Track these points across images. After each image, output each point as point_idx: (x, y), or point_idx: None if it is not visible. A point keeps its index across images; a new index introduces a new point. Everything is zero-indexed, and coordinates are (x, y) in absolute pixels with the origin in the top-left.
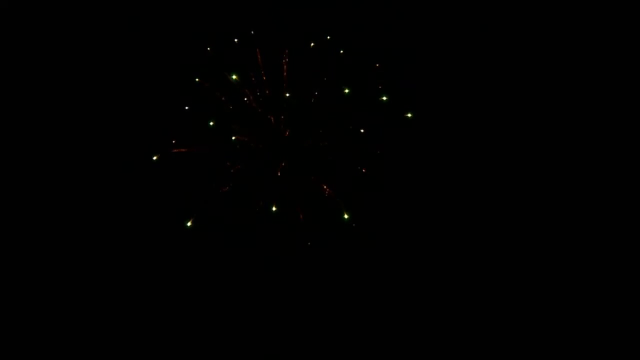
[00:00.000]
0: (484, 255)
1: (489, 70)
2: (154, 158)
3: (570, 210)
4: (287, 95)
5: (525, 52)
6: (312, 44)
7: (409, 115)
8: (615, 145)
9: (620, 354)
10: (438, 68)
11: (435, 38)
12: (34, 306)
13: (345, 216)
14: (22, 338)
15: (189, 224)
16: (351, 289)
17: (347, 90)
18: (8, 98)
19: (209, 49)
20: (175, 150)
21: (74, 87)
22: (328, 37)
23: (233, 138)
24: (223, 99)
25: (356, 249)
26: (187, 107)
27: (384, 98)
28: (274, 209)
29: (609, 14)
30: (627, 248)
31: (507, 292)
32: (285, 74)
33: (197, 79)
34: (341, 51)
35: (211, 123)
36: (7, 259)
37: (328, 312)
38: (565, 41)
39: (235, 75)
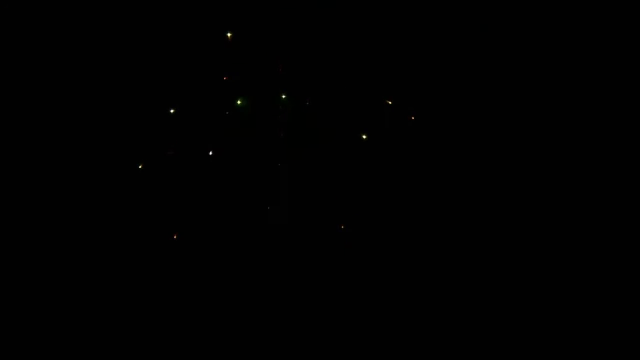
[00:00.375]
0: (492, 264)
1: (495, 71)
2: (140, 167)
3: (576, 214)
4: (284, 97)
5: (533, 51)
6: (310, 44)
7: (412, 118)
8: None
9: (621, 354)
10: (441, 69)
11: (436, 38)
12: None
13: (342, 227)
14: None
15: (175, 236)
16: (350, 299)
17: (344, 91)
18: None
19: (202, 47)
20: (168, 154)
21: (53, 89)
22: (326, 37)
23: (225, 140)
24: (215, 100)
25: (354, 257)
26: (172, 110)
27: (389, 102)
28: (268, 216)
29: (610, 14)
30: (627, 248)
31: (512, 301)
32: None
33: (187, 80)
34: (339, 51)
35: (203, 126)
36: None
37: (327, 327)
38: (570, 42)
39: (227, 76)
